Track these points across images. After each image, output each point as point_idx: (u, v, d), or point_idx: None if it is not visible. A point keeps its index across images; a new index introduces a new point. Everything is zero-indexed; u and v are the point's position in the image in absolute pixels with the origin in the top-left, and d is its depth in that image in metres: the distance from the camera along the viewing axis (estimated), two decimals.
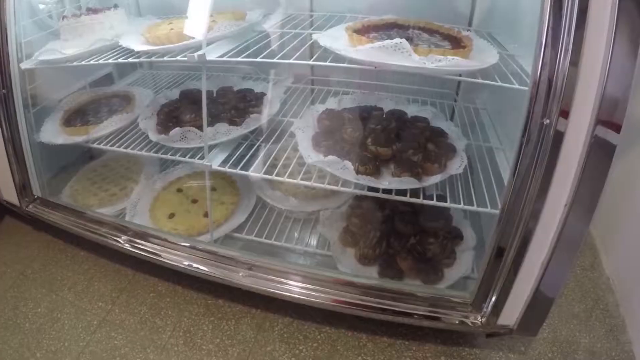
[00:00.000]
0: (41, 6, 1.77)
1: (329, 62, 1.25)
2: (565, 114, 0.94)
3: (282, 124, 1.69)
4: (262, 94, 1.77)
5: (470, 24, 1.67)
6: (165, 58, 1.40)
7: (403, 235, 1.48)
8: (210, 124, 1.52)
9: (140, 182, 1.92)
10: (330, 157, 1.31)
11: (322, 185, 1.36)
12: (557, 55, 0.91)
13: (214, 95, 1.80)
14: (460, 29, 1.35)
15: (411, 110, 1.65)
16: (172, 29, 1.48)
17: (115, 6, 1.70)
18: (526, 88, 0.99)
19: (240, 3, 1.68)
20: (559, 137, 0.97)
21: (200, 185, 1.85)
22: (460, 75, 1.29)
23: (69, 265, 1.75)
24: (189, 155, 1.52)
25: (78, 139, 1.69)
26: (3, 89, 1.58)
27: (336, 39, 1.31)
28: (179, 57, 1.35)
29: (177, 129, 1.52)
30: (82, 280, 1.68)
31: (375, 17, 1.44)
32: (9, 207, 1.86)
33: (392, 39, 1.18)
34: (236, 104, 1.69)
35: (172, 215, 1.71)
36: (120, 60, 1.48)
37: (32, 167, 1.75)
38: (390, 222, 1.52)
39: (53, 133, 1.75)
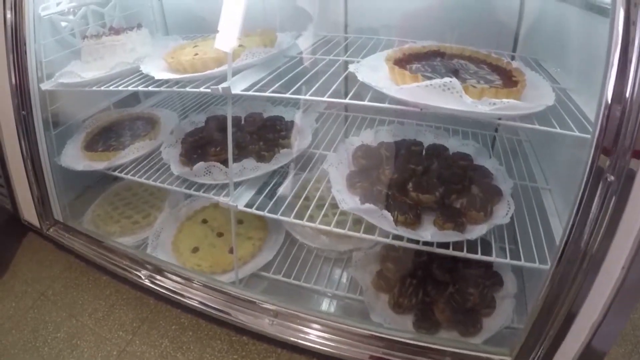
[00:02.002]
0: (63, 24, 1.71)
1: (368, 100, 1.12)
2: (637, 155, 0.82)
3: (315, 157, 1.58)
4: (293, 123, 1.66)
5: (514, 49, 1.54)
6: (188, 89, 1.30)
7: (441, 283, 1.38)
8: (237, 158, 1.43)
9: (164, 210, 1.86)
10: (367, 206, 1.20)
11: (357, 234, 1.24)
12: (626, 98, 0.79)
13: (242, 122, 1.71)
14: (509, 60, 1.22)
15: (452, 145, 1.54)
16: (196, 53, 1.39)
17: (139, 26, 1.62)
18: (588, 136, 0.88)
19: (271, 24, 1.57)
20: (626, 190, 0.85)
21: (226, 216, 1.75)
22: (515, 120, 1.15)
23: (90, 289, 1.71)
24: (213, 192, 1.43)
25: (99, 165, 1.63)
26: (23, 111, 1.54)
27: (375, 70, 1.18)
28: (202, 89, 1.25)
29: (201, 163, 1.43)
30: (103, 307, 1.63)
31: (416, 45, 1.31)
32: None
33: (436, 70, 1.07)
34: (265, 134, 1.59)
35: (196, 250, 1.64)
36: (140, 87, 1.40)
37: (53, 190, 1.72)
38: (427, 268, 1.42)
39: (74, 158, 1.69)
